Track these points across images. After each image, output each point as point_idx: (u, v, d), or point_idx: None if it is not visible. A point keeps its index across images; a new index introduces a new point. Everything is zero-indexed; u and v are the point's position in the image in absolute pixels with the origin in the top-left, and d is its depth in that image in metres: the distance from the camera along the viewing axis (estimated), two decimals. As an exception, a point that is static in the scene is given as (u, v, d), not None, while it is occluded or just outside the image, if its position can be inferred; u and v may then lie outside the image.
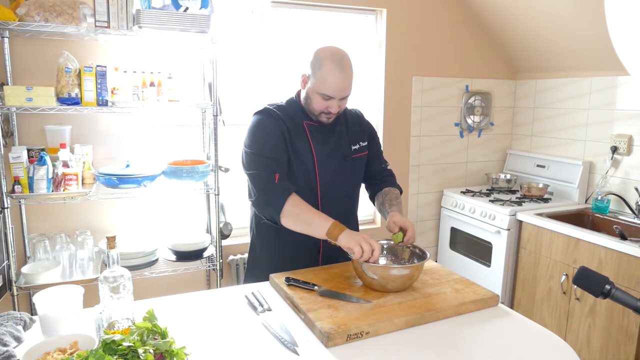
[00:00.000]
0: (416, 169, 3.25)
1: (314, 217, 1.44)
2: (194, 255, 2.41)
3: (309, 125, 1.60)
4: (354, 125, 1.71)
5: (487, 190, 3.26)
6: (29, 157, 2.12)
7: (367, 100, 3.10)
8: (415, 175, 3.25)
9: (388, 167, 1.83)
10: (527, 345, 1.16)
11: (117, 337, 0.90)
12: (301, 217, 1.45)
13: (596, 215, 2.74)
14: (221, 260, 2.42)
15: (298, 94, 1.64)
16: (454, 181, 3.40)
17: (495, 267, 2.88)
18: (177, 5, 2.20)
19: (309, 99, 1.55)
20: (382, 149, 1.84)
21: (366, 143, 1.72)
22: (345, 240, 1.36)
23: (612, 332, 2.25)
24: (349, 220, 1.70)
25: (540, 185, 3.04)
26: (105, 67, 2.11)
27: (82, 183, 2.21)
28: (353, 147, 1.67)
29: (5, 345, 1.06)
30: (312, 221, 1.43)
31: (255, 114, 1.61)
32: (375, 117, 3.12)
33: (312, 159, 1.58)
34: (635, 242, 2.20)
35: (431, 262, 1.62)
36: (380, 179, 1.78)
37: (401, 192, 1.79)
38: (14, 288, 2.07)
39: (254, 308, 1.31)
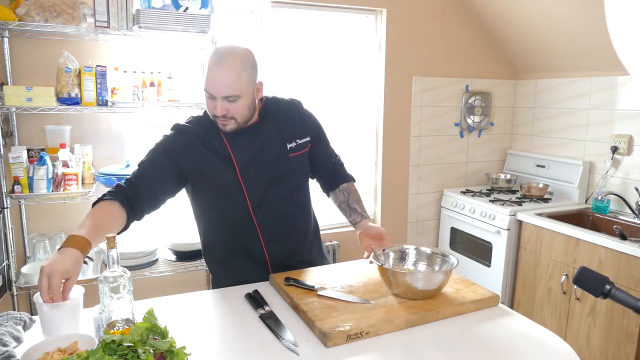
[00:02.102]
0: (416, 169, 3.25)
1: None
2: (194, 255, 2.41)
3: (227, 133, 1.44)
4: (287, 121, 1.54)
5: (487, 190, 3.25)
6: (28, 157, 2.12)
7: (367, 100, 3.10)
8: (415, 175, 3.25)
9: (340, 160, 1.72)
10: (527, 345, 1.16)
11: (117, 337, 0.90)
12: None
13: (596, 215, 2.74)
14: (221, 260, 2.42)
15: None
16: (454, 181, 3.40)
17: (495, 267, 2.88)
18: (177, 5, 2.20)
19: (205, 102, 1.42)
20: (329, 142, 1.70)
21: (307, 139, 1.56)
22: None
23: (612, 332, 2.25)
24: (300, 221, 1.60)
25: (540, 185, 3.04)
26: (105, 67, 2.12)
27: (82, 183, 2.21)
28: (289, 146, 1.52)
29: (5, 345, 1.06)
30: None
31: (171, 128, 1.50)
32: (375, 117, 3.12)
33: (233, 169, 1.45)
34: (635, 242, 2.20)
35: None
36: (333, 173, 1.68)
37: (354, 180, 1.71)
38: (14, 288, 2.07)
39: (254, 308, 1.31)
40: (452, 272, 1.37)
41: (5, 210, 2.04)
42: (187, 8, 2.21)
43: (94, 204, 1.32)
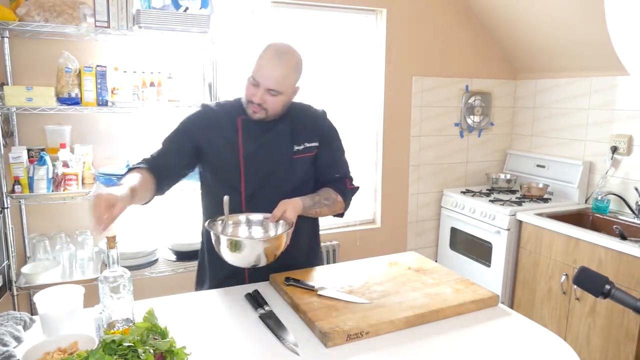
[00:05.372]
0: (416, 169, 3.25)
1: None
2: (194, 255, 2.40)
3: (244, 121, 1.51)
4: (304, 124, 1.57)
5: (487, 190, 3.25)
6: (29, 157, 2.12)
7: (367, 100, 3.10)
8: (415, 175, 3.25)
9: (344, 179, 1.63)
10: (527, 345, 1.16)
11: (117, 337, 0.90)
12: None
13: (596, 215, 2.74)
14: (221, 260, 2.42)
15: None
16: (454, 181, 3.40)
17: (495, 267, 2.88)
18: (177, 5, 2.20)
19: (245, 86, 1.49)
20: (342, 158, 1.65)
21: (315, 144, 1.57)
22: None
23: (612, 332, 2.25)
24: (298, 224, 1.47)
25: (540, 185, 3.04)
26: (105, 67, 2.12)
27: (82, 183, 2.21)
28: (296, 147, 1.54)
29: (5, 345, 1.07)
30: None
31: (199, 106, 1.63)
32: (375, 117, 3.12)
33: (238, 155, 1.50)
34: (635, 242, 2.20)
35: (431, 262, 1.62)
36: (329, 184, 1.59)
37: (346, 206, 1.61)
38: (14, 288, 2.07)
39: (254, 308, 1.31)
40: (284, 235, 1.35)
41: (6, 210, 2.04)
42: (187, 8, 2.21)
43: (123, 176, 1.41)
